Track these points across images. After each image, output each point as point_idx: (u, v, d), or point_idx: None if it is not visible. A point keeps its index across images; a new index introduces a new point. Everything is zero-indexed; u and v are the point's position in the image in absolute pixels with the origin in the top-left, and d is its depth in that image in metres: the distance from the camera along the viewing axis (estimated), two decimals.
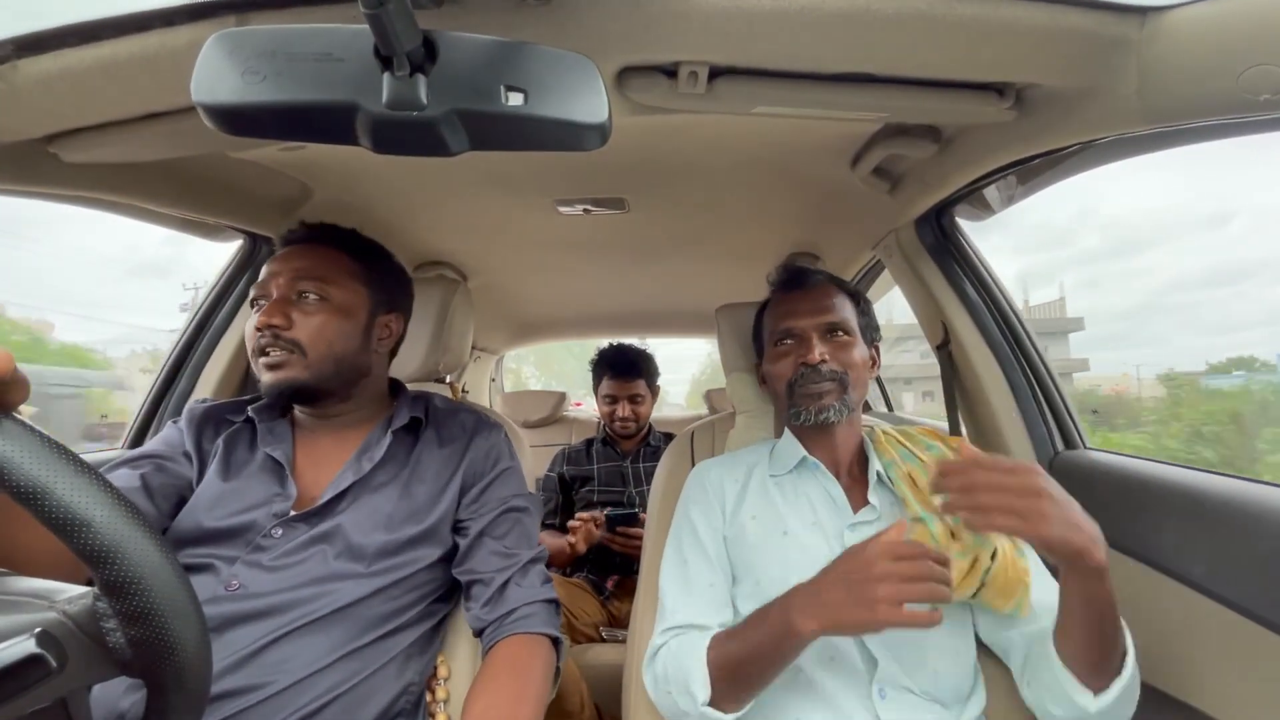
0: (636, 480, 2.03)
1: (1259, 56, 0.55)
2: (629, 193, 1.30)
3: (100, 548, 0.41)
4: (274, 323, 0.84)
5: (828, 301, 0.98)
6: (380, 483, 0.88)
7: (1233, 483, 0.80)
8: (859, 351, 0.96)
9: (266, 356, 0.85)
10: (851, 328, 0.97)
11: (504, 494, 0.94)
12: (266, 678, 0.72)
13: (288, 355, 0.85)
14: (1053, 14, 0.61)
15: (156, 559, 0.43)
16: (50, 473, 0.40)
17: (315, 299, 0.88)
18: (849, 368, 0.94)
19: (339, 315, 0.89)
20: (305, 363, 0.86)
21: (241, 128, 0.45)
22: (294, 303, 0.87)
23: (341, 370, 0.90)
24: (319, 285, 0.88)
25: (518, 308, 2.43)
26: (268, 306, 0.86)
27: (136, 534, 0.42)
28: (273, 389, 0.85)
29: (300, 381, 0.86)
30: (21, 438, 0.40)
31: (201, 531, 0.81)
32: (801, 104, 0.76)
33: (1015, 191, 1.06)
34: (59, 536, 0.41)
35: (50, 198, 0.91)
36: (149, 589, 0.42)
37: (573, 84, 0.45)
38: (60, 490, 0.40)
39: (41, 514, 0.40)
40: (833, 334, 0.96)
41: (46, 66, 0.63)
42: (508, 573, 0.88)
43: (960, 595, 0.80)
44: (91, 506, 0.41)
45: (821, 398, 0.92)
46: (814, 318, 0.97)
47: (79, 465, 0.42)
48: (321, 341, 0.87)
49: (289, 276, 0.88)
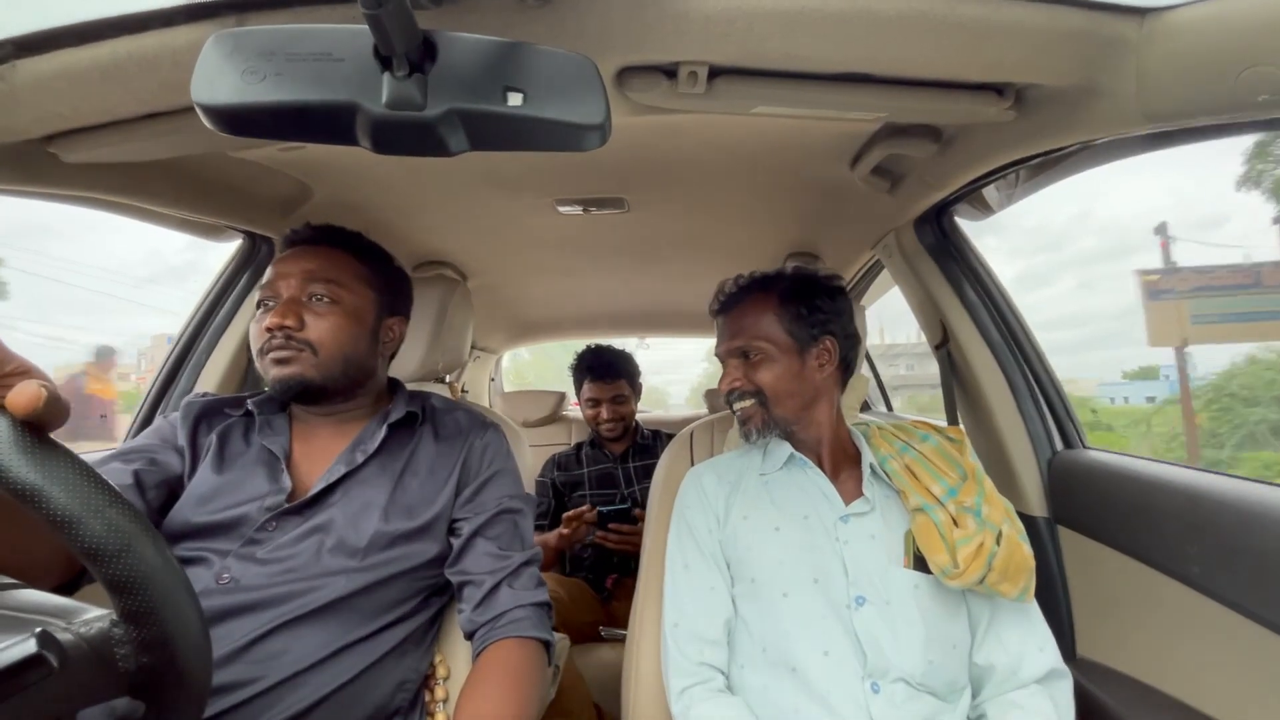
0: (628, 481, 2.01)
1: (1257, 58, 0.55)
2: (628, 193, 1.30)
3: (128, 578, 0.41)
4: (286, 324, 0.85)
5: (741, 323, 0.99)
6: (373, 475, 0.88)
7: (1230, 482, 0.81)
8: (776, 367, 0.95)
9: (274, 354, 0.85)
10: (761, 348, 0.96)
11: (499, 495, 0.94)
12: (259, 672, 0.72)
13: (297, 352, 0.86)
14: (1052, 15, 0.61)
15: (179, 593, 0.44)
16: (86, 504, 0.41)
17: (327, 301, 0.89)
18: (765, 387, 0.95)
19: (349, 318, 0.90)
20: (315, 361, 0.86)
21: (241, 128, 0.45)
22: (305, 304, 0.88)
23: (349, 371, 0.90)
24: (330, 288, 0.89)
25: (517, 308, 2.43)
26: (279, 307, 0.86)
27: (163, 567, 0.43)
28: (280, 384, 0.86)
29: (308, 379, 0.86)
30: (59, 465, 0.41)
31: (195, 525, 0.81)
32: (801, 104, 0.76)
33: (1015, 191, 1.06)
34: (86, 563, 0.41)
35: (49, 198, 0.91)
36: (167, 620, 0.43)
37: (572, 84, 0.45)
38: (92, 520, 0.41)
39: (73, 541, 0.40)
40: (745, 356, 0.97)
41: (46, 66, 0.62)
42: (500, 574, 0.87)
43: (967, 581, 0.80)
44: (124, 537, 0.41)
45: (745, 422, 0.97)
46: (727, 343, 1.00)
47: (113, 496, 0.42)
48: (334, 343, 0.88)
49: (300, 278, 0.88)
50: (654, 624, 1.01)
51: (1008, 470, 1.13)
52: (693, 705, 0.84)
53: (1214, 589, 0.77)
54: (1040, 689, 0.82)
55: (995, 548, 0.80)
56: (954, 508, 0.85)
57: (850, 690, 0.80)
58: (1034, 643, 0.84)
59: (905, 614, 0.83)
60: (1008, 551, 0.80)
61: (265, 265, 1.30)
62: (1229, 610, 0.75)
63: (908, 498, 0.88)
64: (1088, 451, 1.10)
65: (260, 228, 1.24)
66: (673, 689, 0.87)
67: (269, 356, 0.86)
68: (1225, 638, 0.76)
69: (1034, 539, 1.01)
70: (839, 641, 0.82)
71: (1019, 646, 0.83)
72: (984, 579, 0.80)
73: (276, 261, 0.91)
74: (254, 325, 0.88)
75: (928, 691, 0.81)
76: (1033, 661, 0.83)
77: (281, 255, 0.92)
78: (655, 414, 3.33)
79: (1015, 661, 0.83)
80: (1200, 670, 0.81)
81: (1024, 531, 0.85)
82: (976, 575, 0.80)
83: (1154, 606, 0.87)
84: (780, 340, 0.96)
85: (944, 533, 0.83)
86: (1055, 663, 0.83)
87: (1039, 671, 0.82)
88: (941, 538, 0.83)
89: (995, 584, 0.81)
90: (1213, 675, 0.79)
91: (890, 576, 0.85)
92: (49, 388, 0.42)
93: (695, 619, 0.90)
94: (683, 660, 0.87)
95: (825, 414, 0.98)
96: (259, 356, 0.87)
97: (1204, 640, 0.79)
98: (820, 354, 0.97)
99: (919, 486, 0.89)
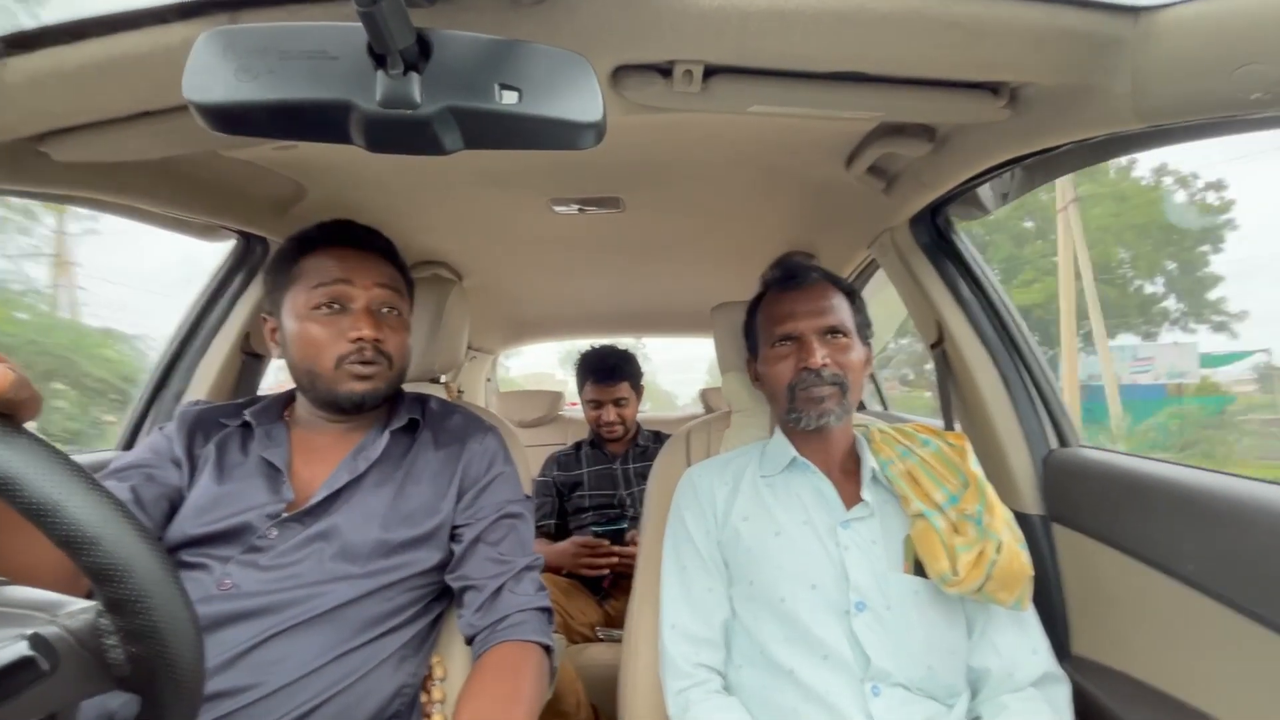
0: (626, 482, 2.01)
1: (1251, 55, 0.55)
2: (624, 192, 1.30)
3: (107, 566, 0.41)
4: (379, 336, 0.87)
5: (826, 302, 0.96)
6: (375, 483, 0.88)
7: (1224, 479, 0.81)
8: (857, 353, 0.96)
9: (361, 366, 0.86)
10: (849, 329, 0.96)
11: (499, 499, 0.93)
12: (259, 678, 0.72)
13: (379, 367, 0.87)
14: (1047, 13, 0.61)
15: (162, 578, 0.43)
16: (61, 490, 0.40)
17: (398, 315, 0.92)
18: (849, 370, 0.93)
19: (408, 333, 0.94)
20: (389, 376, 0.89)
21: (234, 126, 0.45)
22: (380, 316, 0.89)
23: (399, 384, 0.93)
24: (399, 300, 0.93)
25: (513, 307, 2.42)
26: (371, 320, 0.87)
27: (144, 553, 0.42)
28: (360, 398, 0.87)
29: (383, 393, 0.89)
30: (33, 454, 0.40)
31: (196, 535, 0.80)
32: (796, 103, 0.76)
33: (1010, 190, 1.06)
34: (66, 553, 0.41)
35: (42, 197, 0.91)
36: (152, 608, 0.42)
37: (567, 82, 0.45)
38: (70, 508, 0.40)
39: (51, 531, 0.40)
40: (832, 336, 0.94)
41: (37, 65, 0.62)
42: (501, 579, 0.86)
43: (966, 588, 0.80)
44: (100, 524, 0.41)
45: (823, 402, 0.91)
46: (813, 319, 0.94)
47: (90, 483, 0.42)
48: (401, 359, 0.92)
49: (375, 288, 0.89)
50: (651, 624, 1.01)
51: (1003, 468, 1.14)
52: (690, 706, 0.84)
53: (1209, 586, 0.77)
54: (1035, 692, 0.82)
55: (995, 556, 0.80)
56: (955, 515, 0.85)
57: (850, 692, 0.80)
58: (1028, 646, 0.84)
59: (905, 620, 0.83)
60: (1006, 560, 0.80)
61: (259, 266, 1.30)
62: (1224, 607, 0.75)
63: (908, 503, 0.88)
64: (1083, 449, 1.10)
65: (254, 228, 1.23)
66: (670, 690, 0.87)
67: (353, 368, 0.86)
68: (1220, 635, 0.76)
69: (1029, 537, 1.01)
70: (838, 646, 0.82)
71: (1012, 651, 0.84)
72: (982, 587, 0.80)
73: (336, 267, 0.88)
74: (320, 328, 0.86)
75: (926, 696, 0.81)
76: (1027, 665, 0.83)
77: (340, 255, 0.90)
78: (657, 415, 3.33)
79: (1009, 665, 0.83)
80: (1195, 667, 0.81)
81: (1023, 540, 0.85)
82: (975, 583, 0.80)
83: (1149, 604, 0.87)
84: (854, 331, 0.97)
85: (945, 540, 0.83)
86: (1049, 666, 0.84)
87: (1033, 675, 0.83)
88: (942, 545, 0.83)
89: (993, 592, 0.81)
90: (1207, 672, 0.79)
91: (890, 582, 0.85)
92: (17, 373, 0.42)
93: (692, 620, 0.90)
94: (680, 661, 0.87)
95: (852, 413, 0.99)
96: (334, 364, 0.86)
97: (1199, 637, 0.80)
98: (867, 353, 1.00)
99: (920, 492, 0.89)
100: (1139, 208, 14.98)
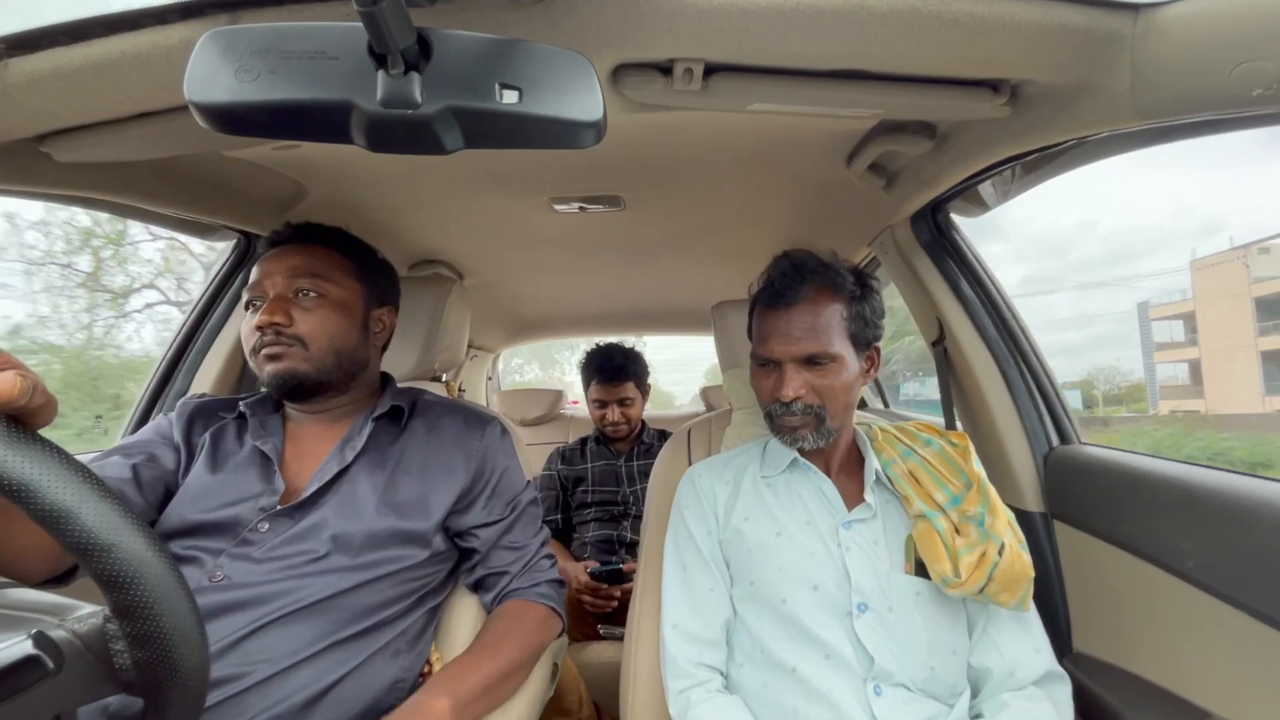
0: (630, 480, 2.02)
1: (1251, 52, 0.55)
2: (624, 190, 1.30)
3: (119, 572, 0.41)
4: (276, 320, 0.85)
5: (811, 323, 0.88)
6: (364, 473, 0.89)
7: (1225, 476, 0.81)
8: (843, 375, 0.89)
9: (267, 349, 0.86)
10: (834, 352, 0.88)
11: (509, 495, 0.98)
12: (247, 667, 0.73)
13: (288, 348, 0.86)
14: (1047, 11, 0.61)
15: (171, 586, 0.43)
16: (75, 497, 0.40)
17: (314, 296, 0.90)
18: (828, 398, 0.88)
19: (338, 311, 0.91)
20: (306, 355, 0.87)
21: (235, 126, 0.45)
22: (292, 300, 0.88)
23: (342, 363, 0.91)
24: (316, 282, 0.90)
25: (514, 306, 2.43)
26: (268, 305, 0.87)
27: (156, 561, 0.43)
28: (274, 379, 0.86)
29: (301, 372, 0.87)
30: (47, 460, 0.40)
31: (189, 524, 0.81)
32: (797, 101, 0.76)
33: (1010, 187, 1.06)
34: (77, 559, 0.41)
35: (43, 198, 0.91)
36: (160, 615, 0.43)
37: (567, 81, 0.45)
38: (84, 514, 0.40)
39: (63, 537, 0.40)
40: (812, 364, 0.89)
41: (38, 65, 0.62)
42: (519, 564, 0.96)
43: (968, 590, 0.80)
44: (114, 531, 0.41)
45: (795, 430, 0.90)
46: (792, 346, 0.88)
47: (103, 491, 0.42)
48: (323, 336, 0.89)
49: (285, 275, 0.89)
50: (652, 622, 1.01)
51: (1004, 466, 1.14)
52: (691, 706, 0.84)
53: (1209, 583, 0.77)
54: (1037, 691, 0.82)
55: (998, 558, 0.80)
56: (956, 516, 0.85)
57: (853, 691, 0.80)
58: (1030, 645, 0.84)
59: (907, 620, 0.82)
60: (1009, 562, 0.80)
61: None
62: (1224, 604, 0.75)
63: (910, 504, 0.88)
64: (1084, 447, 1.10)
65: (255, 227, 1.23)
66: (671, 690, 0.87)
67: (261, 354, 0.86)
68: (1220, 631, 0.76)
69: (1030, 534, 1.01)
70: (840, 646, 0.82)
71: (1014, 650, 0.84)
72: (984, 589, 0.80)
73: (261, 261, 0.92)
74: (244, 326, 0.89)
75: (928, 696, 0.81)
76: (1028, 664, 0.83)
77: (265, 255, 0.93)
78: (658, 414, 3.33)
79: (1011, 664, 0.83)
80: (1195, 664, 0.81)
81: (1025, 541, 0.84)
82: (977, 585, 0.80)
83: (1149, 601, 0.87)
84: (846, 348, 0.90)
85: (946, 541, 0.83)
86: (1051, 665, 0.84)
87: (1034, 674, 0.82)
88: (944, 546, 0.83)
89: (994, 594, 0.81)
90: (1207, 669, 0.79)
91: (892, 583, 0.85)
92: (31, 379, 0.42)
93: (693, 620, 0.90)
94: (681, 661, 0.88)
95: (851, 418, 0.97)
96: (252, 355, 0.88)
97: (1199, 634, 0.80)
98: (868, 360, 0.94)
99: (922, 493, 0.88)
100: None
